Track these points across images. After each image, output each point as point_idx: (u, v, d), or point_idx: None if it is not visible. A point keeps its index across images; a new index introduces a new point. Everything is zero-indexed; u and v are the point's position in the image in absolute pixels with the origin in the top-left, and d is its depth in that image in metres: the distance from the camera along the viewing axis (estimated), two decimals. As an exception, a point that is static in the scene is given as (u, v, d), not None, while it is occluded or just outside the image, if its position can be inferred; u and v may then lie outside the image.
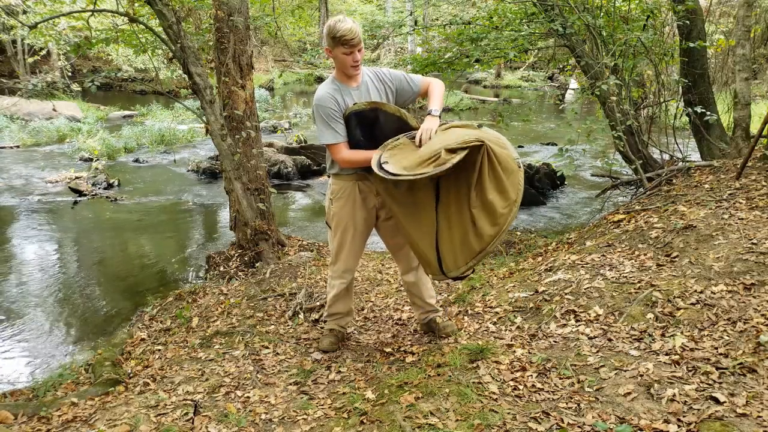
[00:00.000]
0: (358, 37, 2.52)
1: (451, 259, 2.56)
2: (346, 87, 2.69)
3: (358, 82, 2.71)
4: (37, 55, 16.04)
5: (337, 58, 2.61)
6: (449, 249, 2.55)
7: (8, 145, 11.04)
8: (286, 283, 4.20)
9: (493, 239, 2.49)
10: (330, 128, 2.64)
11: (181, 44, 4.34)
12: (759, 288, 2.68)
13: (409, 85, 2.78)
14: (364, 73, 2.74)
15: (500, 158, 2.46)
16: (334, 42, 2.54)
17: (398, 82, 2.78)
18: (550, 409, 2.13)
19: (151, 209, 7.62)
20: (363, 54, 2.63)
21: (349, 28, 2.50)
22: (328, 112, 2.63)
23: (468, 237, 2.51)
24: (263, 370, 2.92)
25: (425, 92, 2.77)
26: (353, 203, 2.83)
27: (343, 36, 2.49)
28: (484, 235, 2.47)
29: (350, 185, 2.81)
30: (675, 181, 4.67)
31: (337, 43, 2.53)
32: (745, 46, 5.03)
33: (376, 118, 2.62)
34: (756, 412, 1.92)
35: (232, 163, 4.66)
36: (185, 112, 13.29)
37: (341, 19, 2.54)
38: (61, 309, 4.70)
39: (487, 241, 2.49)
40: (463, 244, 2.53)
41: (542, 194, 8.02)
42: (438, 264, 2.59)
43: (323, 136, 2.67)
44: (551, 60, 8.20)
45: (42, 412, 2.64)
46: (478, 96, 20.26)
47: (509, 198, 2.46)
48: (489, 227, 2.47)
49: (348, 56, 2.56)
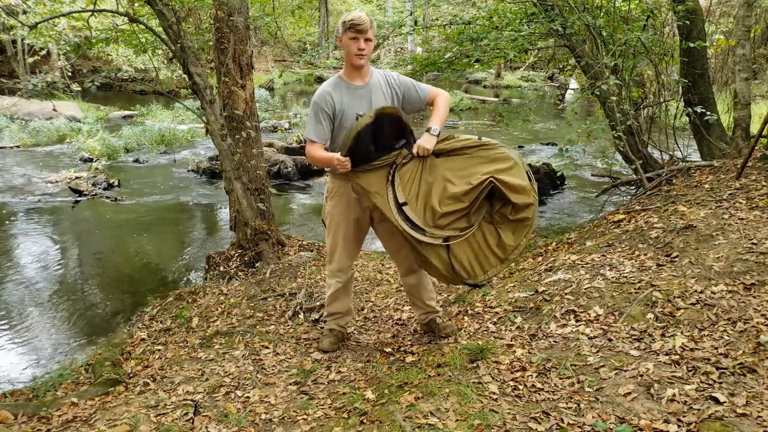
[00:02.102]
0: (365, 25, 2.58)
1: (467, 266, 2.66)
2: (351, 84, 2.70)
3: (365, 80, 2.71)
4: (37, 55, 16.04)
5: (344, 47, 2.65)
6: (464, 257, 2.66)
7: (8, 145, 11.04)
8: (286, 283, 4.20)
9: (514, 249, 2.68)
10: (313, 124, 2.69)
11: (181, 44, 4.34)
12: (759, 288, 2.68)
13: (417, 94, 2.79)
14: (374, 74, 2.75)
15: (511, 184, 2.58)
16: (343, 28, 2.60)
17: (406, 89, 2.78)
18: (550, 409, 2.13)
19: (151, 209, 7.62)
20: (371, 47, 2.65)
21: (359, 15, 2.60)
22: (317, 110, 2.67)
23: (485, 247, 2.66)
24: (263, 370, 2.92)
25: (431, 103, 2.80)
26: (347, 203, 2.83)
27: (351, 20, 2.57)
28: (506, 246, 2.65)
29: (345, 184, 2.80)
30: (675, 181, 4.67)
31: (345, 28, 2.59)
32: (745, 46, 5.03)
33: (381, 125, 2.63)
34: (756, 412, 1.92)
35: (232, 163, 4.66)
36: (185, 112, 13.29)
37: (356, 10, 2.64)
38: (61, 309, 4.70)
39: (509, 252, 2.66)
40: (480, 253, 2.66)
41: (542, 194, 8.03)
42: (452, 270, 2.66)
43: (307, 130, 2.73)
44: (551, 60, 8.20)
45: (42, 412, 2.64)
46: (478, 96, 20.25)
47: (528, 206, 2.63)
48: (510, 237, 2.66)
49: (353, 42, 2.60)
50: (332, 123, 2.69)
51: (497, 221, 2.66)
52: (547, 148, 11.28)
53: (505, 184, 2.55)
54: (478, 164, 2.60)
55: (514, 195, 2.57)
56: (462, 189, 2.55)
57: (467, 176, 2.57)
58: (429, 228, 2.58)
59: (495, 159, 2.60)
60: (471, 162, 2.61)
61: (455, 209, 2.58)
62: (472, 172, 2.58)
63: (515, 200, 2.58)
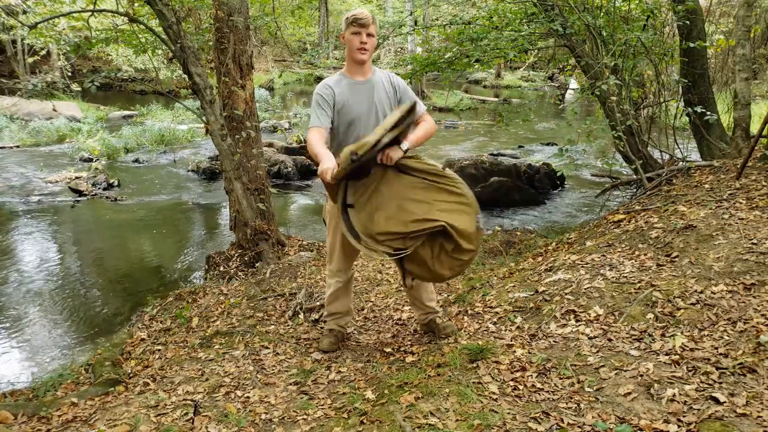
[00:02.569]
0: (368, 20, 2.62)
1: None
2: (353, 80, 2.73)
3: (366, 76, 2.74)
4: (37, 55, 16.05)
5: (347, 42, 2.68)
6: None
7: (8, 145, 11.04)
8: (286, 283, 4.19)
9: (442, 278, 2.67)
10: (314, 112, 2.70)
11: (181, 44, 4.34)
12: (759, 288, 2.68)
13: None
14: (376, 72, 2.79)
15: (461, 230, 2.56)
16: (345, 23, 2.66)
17: (406, 97, 2.80)
18: (550, 409, 2.13)
19: (151, 209, 7.62)
20: (373, 42, 2.68)
21: (362, 11, 2.66)
22: (317, 99, 2.69)
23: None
24: (263, 370, 2.92)
25: (418, 123, 2.80)
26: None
27: (354, 15, 2.64)
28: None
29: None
30: (675, 181, 4.67)
31: (348, 23, 2.64)
32: (745, 46, 5.03)
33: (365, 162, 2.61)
34: (756, 412, 1.92)
35: (232, 163, 4.66)
36: (185, 112, 13.29)
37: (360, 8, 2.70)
38: (61, 309, 4.70)
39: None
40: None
41: (542, 194, 8.03)
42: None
43: (311, 119, 2.73)
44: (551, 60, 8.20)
45: (42, 412, 2.64)
46: (478, 96, 20.27)
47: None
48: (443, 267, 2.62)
49: (356, 37, 2.63)
50: (333, 111, 2.70)
51: (435, 252, 2.63)
52: (547, 148, 11.29)
53: (456, 230, 2.54)
54: (436, 196, 2.59)
55: (462, 240, 2.57)
56: (412, 218, 2.54)
57: (422, 206, 2.56)
58: (365, 237, 2.58)
59: (452, 193, 2.61)
60: (429, 192, 2.60)
61: (397, 231, 2.56)
62: (428, 202, 2.57)
63: (462, 245, 2.58)
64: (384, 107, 2.75)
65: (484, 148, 11.45)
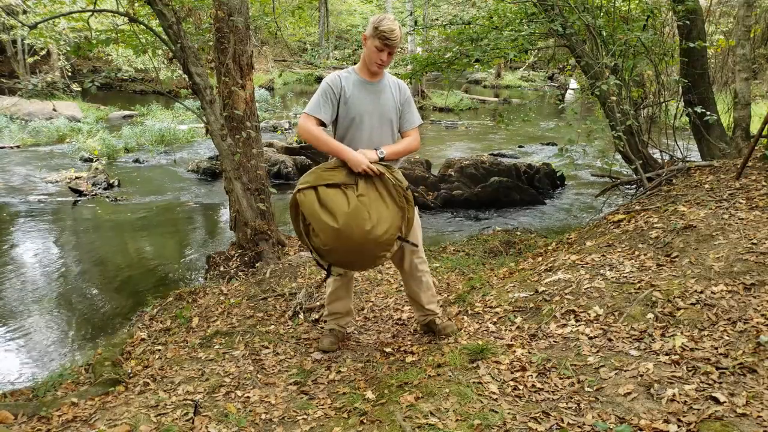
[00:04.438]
0: (396, 42, 2.60)
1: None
2: (363, 79, 2.73)
3: (377, 78, 2.77)
4: (37, 55, 16.04)
5: (368, 49, 2.65)
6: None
7: (8, 145, 11.04)
8: (286, 283, 4.19)
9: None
10: (316, 101, 2.68)
11: (181, 44, 4.34)
12: (759, 288, 2.68)
13: (408, 118, 2.84)
14: (386, 75, 2.80)
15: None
16: (374, 31, 2.59)
17: (407, 106, 2.83)
18: (550, 409, 2.13)
19: (151, 209, 7.62)
20: (391, 59, 2.68)
21: (394, 29, 2.58)
22: (326, 89, 2.68)
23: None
24: (263, 370, 2.92)
25: (406, 135, 2.85)
26: None
27: (384, 31, 2.56)
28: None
29: None
30: (675, 181, 4.67)
31: (377, 34, 2.58)
32: (745, 46, 5.03)
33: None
34: (756, 412, 1.92)
35: (232, 163, 4.66)
36: (185, 112, 13.29)
37: (392, 19, 2.62)
38: (61, 309, 4.70)
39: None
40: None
41: (542, 194, 8.03)
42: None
43: (308, 105, 2.71)
44: (551, 60, 8.20)
45: (42, 412, 2.64)
46: (478, 96, 20.27)
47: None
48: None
49: (378, 52, 2.61)
50: (336, 109, 2.71)
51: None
52: (547, 148, 11.29)
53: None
54: (393, 217, 2.62)
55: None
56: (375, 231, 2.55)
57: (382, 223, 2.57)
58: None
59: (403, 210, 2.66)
60: (390, 210, 2.62)
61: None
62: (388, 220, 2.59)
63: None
64: (389, 111, 2.77)
65: (484, 148, 11.46)
